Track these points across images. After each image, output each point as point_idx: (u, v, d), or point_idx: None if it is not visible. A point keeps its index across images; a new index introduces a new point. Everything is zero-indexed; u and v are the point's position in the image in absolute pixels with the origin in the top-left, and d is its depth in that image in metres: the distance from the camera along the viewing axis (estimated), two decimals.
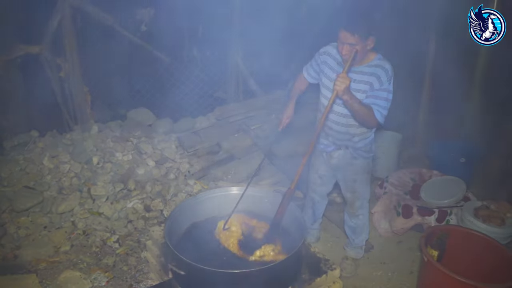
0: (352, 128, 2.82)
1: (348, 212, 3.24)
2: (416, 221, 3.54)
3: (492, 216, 3.21)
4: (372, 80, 2.59)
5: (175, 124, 5.06)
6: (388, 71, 2.60)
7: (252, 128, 4.74)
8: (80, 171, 3.91)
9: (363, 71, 2.65)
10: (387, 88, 2.59)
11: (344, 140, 2.91)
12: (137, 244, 3.46)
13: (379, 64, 2.62)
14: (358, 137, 2.85)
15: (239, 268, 2.17)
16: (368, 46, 2.55)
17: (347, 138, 2.88)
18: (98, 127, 4.41)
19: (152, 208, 3.83)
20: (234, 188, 2.90)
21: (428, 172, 4.09)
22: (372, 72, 2.61)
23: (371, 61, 2.65)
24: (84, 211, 3.60)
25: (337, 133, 2.89)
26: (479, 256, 2.90)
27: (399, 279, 3.22)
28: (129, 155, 4.22)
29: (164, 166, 4.30)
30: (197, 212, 2.80)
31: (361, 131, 2.83)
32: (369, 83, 2.61)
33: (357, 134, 2.84)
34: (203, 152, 4.58)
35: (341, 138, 2.90)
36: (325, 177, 3.21)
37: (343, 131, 2.85)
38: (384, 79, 2.58)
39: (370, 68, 2.62)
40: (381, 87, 2.58)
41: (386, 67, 2.60)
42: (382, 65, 2.61)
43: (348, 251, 3.34)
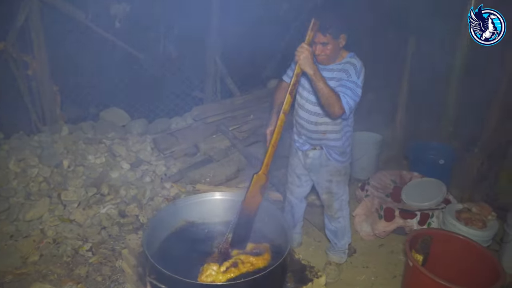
0: (322, 126, 2.78)
1: (327, 215, 3.17)
2: (398, 224, 3.51)
3: (473, 219, 3.21)
4: (340, 75, 2.60)
5: (150, 124, 4.90)
6: (357, 66, 2.60)
7: (231, 129, 4.63)
8: (50, 175, 3.69)
9: (333, 69, 2.66)
10: (354, 81, 2.56)
11: (317, 139, 2.86)
12: (111, 253, 3.29)
13: (348, 61, 2.64)
14: (330, 134, 2.80)
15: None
16: (340, 44, 2.58)
17: (319, 137, 2.84)
18: (68, 128, 4.20)
19: (127, 214, 3.66)
20: (217, 194, 2.78)
21: (408, 174, 4.08)
22: (341, 68, 2.62)
23: (343, 60, 2.66)
24: (54, 218, 3.40)
25: (308, 132, 2.85)
26: (461, 259, 2.89)
27: (383, 283, 3.18)
28: (102, 157, 4.03)
29: (139, 168, 4.14)
30: (177, 219, 2.66)
31: (333, 128, 2.78)
32: (338, 78, 2.61)
33: (329, 131, 2.79)
34: (180, 154, 4.44)
35: (314, 137, 2.86)
36: (302, 177, 3.14)
37: (314, 129, 2.82)
38: (352, 72, 2.57)
39: (340, 65, 2.64)
40: (348, 78, 2.56)
41: (355, 63, 2.61)
42: (352, 61, 2.62)
43: (331, 255, 3.28)
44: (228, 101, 5.03)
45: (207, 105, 4.97)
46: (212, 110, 4.79)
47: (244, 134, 4.63)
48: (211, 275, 2.15)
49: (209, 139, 4.56)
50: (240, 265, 2.23)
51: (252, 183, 2.21)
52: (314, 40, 2.49)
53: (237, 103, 4.98)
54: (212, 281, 2.11)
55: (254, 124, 4.71)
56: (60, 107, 4.40)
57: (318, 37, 2.48)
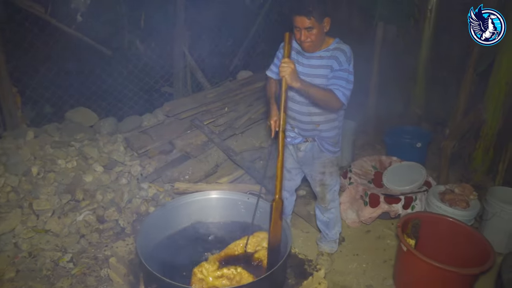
0: (315, 117, 2.74)
1: (320, 207, 3.16)
2: (383, 209, 3.56)
3: (457, 199, 3.30)
4: (331, 63, 2.55)
5: (120, 123, 4.67)
6: (347, 52, 2.56)
7: (206, 123, 4.50)
8: (18, 184, 3.43)
9: (322, 56, 2.60)
10: (347, 69, 2.53)
11: (310, 130, 2.81)
12: (94, 261, 3.12)
13: (337, 47, 2.58)
14: (324, 125, 2.77)
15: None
16: (325, 29, 2.53)
17: (312, 128, 2.79)
18: (34, 132, 3.91)
19: (106, 219, 3.48)
20: (213, 192, 2.68)
21: (387, 159, 4.14)
22: (331, 55, 2.56)
23: (330, 45, 2.61)
24: (27, 230, 3.17)
25: (301, 123, 2.80)
26: (451, 241, 2.97)
27: (375, 269, 3.22)
28: (73, 161, 3.79)
29: (114, 170, 3.94)
30: (171, 222, 2.55)
31: (326, 118, 2.75)
32: (329, 66, 2.56)
33: (322, 122, 2.76)
34: (155, 152, 4.27)
35: (307, 128, 2.81)
36: (293, 171, 3.10)
37: (306, 120, 2.76)
38: (343, 59, 2.53)
39: (329, 52, 2.58)
40: (340, 67, 2.52)
41: (344, 49, 2.56)
42: (340, 47, 2.57)
43: (322, 246, 3.27)
44: (200, 94, 4.88)
45: (179, 100, 4.80)
46: (185, 104, 4.62)
47: (220, 127, 4.51)
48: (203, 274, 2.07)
49: (184, 135, 4.41)
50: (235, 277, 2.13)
51: (273, 211, 2.11)
52: (298, 25, 2.45)
53: (210, 96, 4.84)
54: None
55: (229, 117, 4.60)
56: (21, 109, 4.09)
57: (302, 22, 2.42)
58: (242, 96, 4.97)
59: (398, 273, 3.02)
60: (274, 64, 2.88)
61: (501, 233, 3.33)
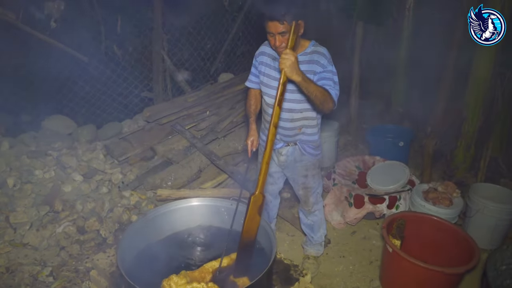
0: (297, 122, 2.71)
1: (303, 210, 3.13)
2: (368, 210, 3.55)
3: (440, 197, 3.31)
4: (313, 67, 2.50)
5: (99, 130, 4.57)
6: (326, 54, 2.52)
7: (187, 128, 4.43)
8: None
9: (300, 61, 2.50)
10: (330, 70, 2.49)
11: (292, 136, 2.78)
12: (75, 274, 3.03)
13: (314, 50, 2.53)
14: (306, 129, 2.74)
15: None
16: (299, 32, 2.45)
17: (294, 133, 2.76)
18: (8, 142, 3.78)
19: (87, 230, 3.39)
20: (195, 200, 2.64)
21: (371, 159, 4.14)
22: (310, 59, 2.51)
23: (306, 49, 2.56)
24: (4, 245, 3.07)
25: (283, 129, 2.76)
26: (435, 239, 2.97)
27: (361, 270, 3.20)
28: (51, 171, 3.69)
29: (94, 179, 3.84)
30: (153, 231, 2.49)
31: (309, 123, 2.73)
32: (311, 71, 2.50)
33: (305, 126, 2.73)
34: (136, 159, 4.19)
35: (288, 134, 2.77)
36: (275, 174, 3.06)
37: (289, 126, 2.73)
38: (325, 62, 2.49)
39: (307, 56, 2.53)
40: (324, 69, 2.48)
41: (322, 51, 2.52)
42: (318, 50, 2.53)
43: (308, 249, 3.24)
44: (181, 99, 4.82)
45: (159, 105, 4.73)
46: (165, 109, 4.55)
47: (202, 132, 4.45)
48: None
49: (165, 141, 4.34)
50: None
51: (250, 205, 2.05)
52: (271, 31, 2.38)
53: (190, 100, 4.78)
54: None
55: (211, 121, 4.55)
56: None
57: (275, 27, 2.34)
58: (223, 99, 4.92)
59: (384, 274, 3.01)
60: (252, 74, 2.84)
61: (484, 229, 3.35)
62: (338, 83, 2.51)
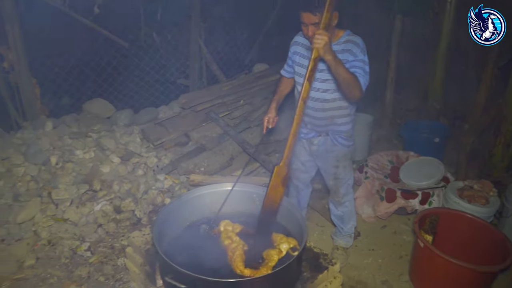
0: (328, 112, 2.71)
1: (334, 201, 3.14)
2: (399, 205, 3.53)
3: (476, 196, 3.25)
4: (345, 56, 2.47)
5: (136, 115, 4.70)
6: (359, 44, 2.49)
7: (221, 116, 4.50)
8: (38, 173, 3.49)
9: (334, 51, 2.51)
10: (362, 59, 2.47)
11: (323, 126, 2.79)
12: (111, 251, 3.16)
13: (348, 39, 2.51)
14: (338, 119, 2.74)
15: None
16: (333, 23, 2.44)
17: (326, 123, 2.77)
18: (52, 123, 3.96)
19: (123, 209, 3.53)
20: (227, 184, 2.68)
21: (404, 154, 4.10)
22: (343, 49, 2.49)
23: (340, 38, 2.54)
24: (46, 219, 3.23)
25: (315, 119, 2.77)
26: (469, 238, 2.93)
27: (390, 264, 3.20)
28: (91, 152, 3.84)
29: (130, 161, 3.98)
30: (186, 213, 2.56)
31: (341, 113, 2.72)
32: (344, 60, 2.45)
33: (336, 116, 2.73)
34: (171, 144, 4.29)
35: (320, 124, 2.78)
36: (307, 163, 3.09)
37: (320, 116, 2.73)
38: (357, 51, 2.47)
39: (340, 46, 2.51)
40: (356, 58, 2.46)
41: (356, 41, 2.50)
42: (352, 39, 2.51)
43: (337, 240, 3.26)
44: (216, 87, 4.89)
45: (194, 92, 4.82)
46: (201, 97, 4.63)
47: (236, 120, 4.51)
48: None
49: (199, 128, 4.42)
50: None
51: (273, 175, 2.12)
52: (304, 21, 2.39)
53: (225, 89, 4.84)
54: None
55: (245, 110, 4.60)
56: (40, 100, 4.16)
57: (307, 18, 2.36)
58: (257, 89, 4.96)
59: (414, 269, 2.99)
60: (287, 64, 2.88)
61: None
62: (368, 73, 2.48)
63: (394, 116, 5.26)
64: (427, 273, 2.79)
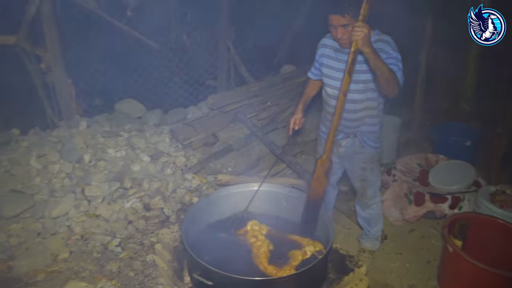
0: (359, 113, 2.72)
1: (361, 203, 3.12)
2: (428, 209, 3.48)
3: (509, 201, 3.17)
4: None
5: (165, 115, 4.82)
6: (390, 42, 2.50)
7: (249, 117, 4.55)
8: (72, 170, 3.63)
9: None
10: (395, 57, 2.47)
11: (352, 127, 2.79)
12: (140, 247, 3.25)
13: (378, 39, 2.51)
14: (368, 119, 2.74)
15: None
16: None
17: (355, 125, 2.77)
18: (86, 122, 4.11)
19: (152, 207, 3.61)
20: (253, 184, 2.72)
21: (434, 157, 4.03)
22: (375, 48, 2.45)
23: (370, 38, 2.50)
24: (80, 214, 3.35)
25: (346, 121, 2.77)
26: (501, 243, 2.85)
27: (418, 269, 3.16)
28: (122, 150, 3.95)
29: (160, 160, 4.07)
30: (214, 212, 2.62)
31: (371, 113, 2.72)
32: None
33: (366, 117, 2.73)
34: (199, 144, 4.37)
35: (349, 125, 2.78)
36: (334, 165, 3.06)
37: (350, 117, 2.74)
38: (389, 49, 2.47)
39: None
40: (389, 56, 2.45)
41: (386, 39, 2.51)
42: (382, 38, 2.51)
43: (364, 243, 3.24)
44: (243, 88, 4.94)
45: (222, 93, 4.88)
46: (228, 98, 4.70)
47: (263, 121, 4.54)
48: None
49: (227, 128, 4.48)
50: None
51: (317, 167, 2.25)
52: (333, 23, 2.42)
53: (253, 90, 4.88)
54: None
55: (272, 111, 4.63)
56: (75, 100, 4.31)
57: (336, 20, 2.39)
58: (284, 90, 4.98)
59: (443, 274, 2.95)
60: (314, 67, 2.91)
61: None
62: (402, 70, 2.48)
63: (423, 119, 5.17)
64: (456, 278, 2.75)
